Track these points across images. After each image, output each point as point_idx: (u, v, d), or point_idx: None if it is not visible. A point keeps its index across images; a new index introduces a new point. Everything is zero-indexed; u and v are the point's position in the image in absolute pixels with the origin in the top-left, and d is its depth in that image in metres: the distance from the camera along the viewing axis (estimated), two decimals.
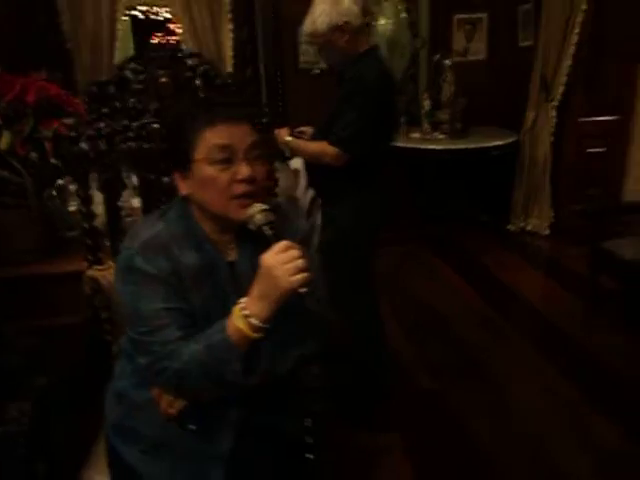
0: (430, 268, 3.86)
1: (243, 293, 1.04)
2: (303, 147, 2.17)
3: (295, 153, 2.29)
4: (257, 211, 1.06)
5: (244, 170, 1.06)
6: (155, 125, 1.43)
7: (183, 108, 1.15)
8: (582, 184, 4.32)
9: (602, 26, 4.00)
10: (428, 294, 3.40)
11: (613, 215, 3.18)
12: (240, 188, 1.06)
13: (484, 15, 4.59)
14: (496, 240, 4.34)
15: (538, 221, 4.36)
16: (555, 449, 2.06)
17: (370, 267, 2.33)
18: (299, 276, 0.97)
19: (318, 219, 2.43)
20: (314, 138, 2.19)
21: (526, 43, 4.36)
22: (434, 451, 2.10)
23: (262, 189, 1.13)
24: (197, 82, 1.46)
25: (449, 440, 2.14)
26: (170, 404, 1.14)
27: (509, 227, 4.44)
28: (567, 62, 3.92)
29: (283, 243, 1.00)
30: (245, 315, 1.01)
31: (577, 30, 3.83)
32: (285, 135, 2.13)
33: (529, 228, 4.38)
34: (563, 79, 3.99)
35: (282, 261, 0.98)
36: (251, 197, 1.07)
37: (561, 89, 4.02)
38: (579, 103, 4.20)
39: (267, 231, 1.04)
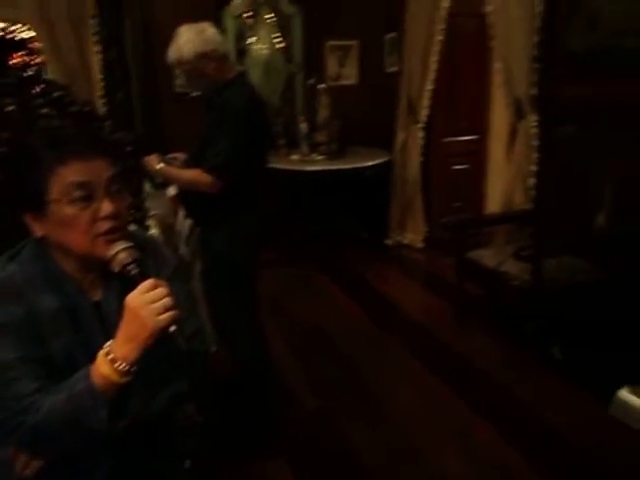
0: (315, 287, 3.93)
1: (112, 334, 0.99)
2: (176, 175, 2.12)
3: (168, 181, 2.23)
4: (120, 250, 1.02)
5: (107, 206, 1.01)
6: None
7: (30, 144, 1.04)
8: (449, 199, 4.70)
9: (456, 54, 4.41)
10: (314, 313, 3.45)
11: (475, 227, 3.46)
12: (104, 225, 1.01)
13: (354, 42, 4.84)
14: (376, 255, 4.54)
15: (413, 235, 4.63)
16: (439, 457, 2.16)
17: (253, 290, 2.33)
18: (166, 315, 0.95)
19: (197, 247, 2.39)
20: (187, 164, 2.15)
21: (392, 69, 4.66)
22: (321, 473, 2.11)
23: (126, 223, 1.09)
24: (48, 110, 1.36)
25: (335, 461, 2.17)
26: (26, 465, 1.04)
27: (387, 242, 4.67)
28: (429, 87, 4.24)
29: (149, 282, 0.97)
30: (111, 360, 0.95)
31: (435, 58, 4.15)
32: (156, 163, 2.07)
33: (406, 242, 4.63)
34: (427, 102, 4.30)
35: (148, 301, 0.95)
36: (117, 232, 1.03)
37: (426, 111, 4.33)
38: (442, 124, 4.57)
39: (132, 270, 1.01)
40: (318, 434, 2.32)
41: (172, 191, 2.52)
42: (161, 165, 2.07)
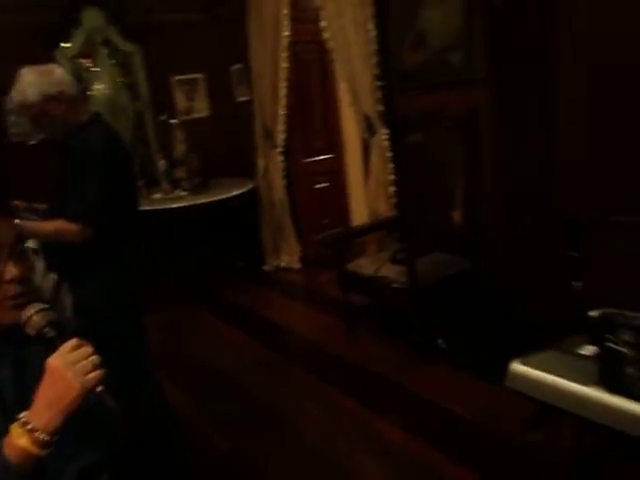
0: (200, 325, 3.80)
1: (11, 415, 0.89)
2: (37, 228, 1.93)
3: (28, 236, 2.02)
4: (33, 313, 0.94)
5: (11, 270, 0.95)
6: None
7: None
8: (317, 217, 4.85)
9: (302, 79, 4.61)
10: (204, 352, 3.33)
11: (349, 239, 3.61)
12: (11, 289, 0.95)
13: (200, 76, 4.83)
14: (256, 282, 4.52)
15: (289, 257, 4.69)
16: (359, 467, 2.19)
17: (139, 338, 2.18)
18: (94, 374, 0.89)
19: (69, 305, 2.18)
20: (47, 215, 1.97)
21: (243, 98, 4.72)
22: None
23: (34, 286, 1.05)
24: None
25: None
26: None
27: (265, 268, 4.67)
28: (282, 112, 4.36)
29: (72, 341, 0.90)
30: (30, 430, 0.85)
31: (284, 84, 4.29)
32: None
33: (283, 265, 4.68)
34: (282, 127, 4.41)
35: (73, 360, 0.88)
36: (23, 296, 0.97)
37: (282, 136, 4.44)
38: (299, 146, 4.72)
39: (49, 333, 0.93)
40: (233, 474, 2.22)
41: (31, 243, 2.28)
42: (16, 221, 1.86)
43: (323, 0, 3.52)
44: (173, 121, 4.48)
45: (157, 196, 4.28)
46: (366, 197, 3.79)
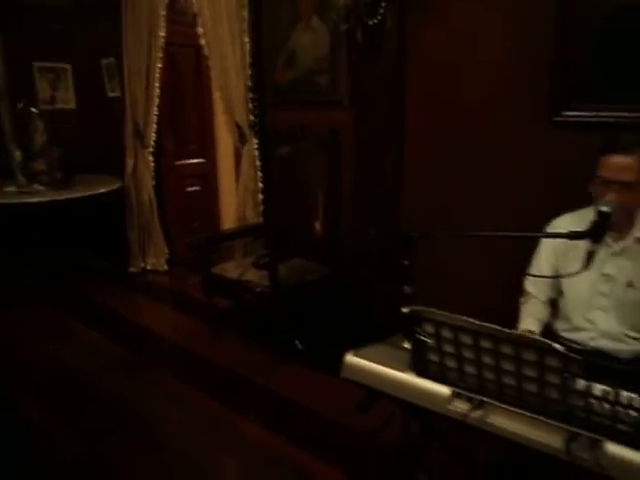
0: (60, 327, 3.60)
1: None
2: None
3: None
4: None
5: None
6: None
7: None
8: (186, 220, 4.86)
9: (177, 81, 4.60)
10: (61, 355, 3.18)
11: (217, 243, 3.69)
12: None
13: (67, 66, 4.60)
14: (121, 285, 4.39)
15: (155, 259, 4.63)
16: (216, 467, 2.27)
17: None
18: None
19: None
20: None
21: (114, 94, 4.58)
22: None
23: None
24: None
25: None
26: None
27: (130, 269, 4.56)
28: (155, 112, 4.31)
29: None
30: None
31: (157, 84, 4.25)
32: None
33: (149, 267, 4.60)
34: (154, 127, 4.36)
35: None
36: None
37: (153, 136, 4.38)
38: (171, 148, 4.70)
39: None
40: (90, 478, 2.18)
41: None
42: None
43: (200, 7, 3.58)
44: (33, 110, 4.21)
45: (11, 189, 3.99)
46: (235, 203, 3.89)
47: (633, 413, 1.08)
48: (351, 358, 1.50)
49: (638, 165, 1.53)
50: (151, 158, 4.44)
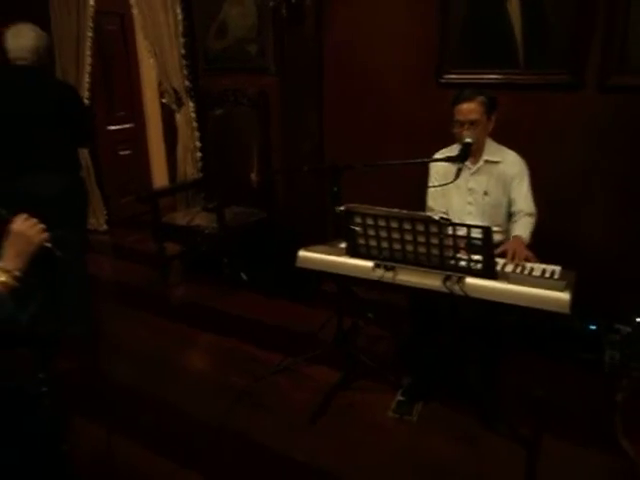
0: None
1: None
2: None
3: None
4: None
5: None
6: None
7: None
8: (121, 181, 5.17)
9: (106, 49, 4.84)
10: None
11: (163, 196, 4.08)
12: None
13: None
14: None
15: (95, 220, 4.92)
16: (178, 368, 2.82)
17: None
18: (45, 234, 1.37)
19: None
20: None
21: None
22: None
23: None
24: None
25: None
26: None
27: None
28: (87, 79, 4.54)
29: (24, 215, 1.36)
30: (7, 271, 1.30)
31: (88, 52, 4.48)
32: None
33: (90, 228, 4.88)
34: (86, 94, 4.58)
35: (30, 225, 1.35)
36: None
37: (86, 103, 4.61)
38: (103, 114, 4.95)
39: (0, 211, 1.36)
40: None
41: None
42: None
43: None
44: None
45: None
46: (171, 162, 4.30)
47: (478, 242, 1.76)
48: (304, 253, 2.11)
49: (479, 107, 2.22)
50: None
